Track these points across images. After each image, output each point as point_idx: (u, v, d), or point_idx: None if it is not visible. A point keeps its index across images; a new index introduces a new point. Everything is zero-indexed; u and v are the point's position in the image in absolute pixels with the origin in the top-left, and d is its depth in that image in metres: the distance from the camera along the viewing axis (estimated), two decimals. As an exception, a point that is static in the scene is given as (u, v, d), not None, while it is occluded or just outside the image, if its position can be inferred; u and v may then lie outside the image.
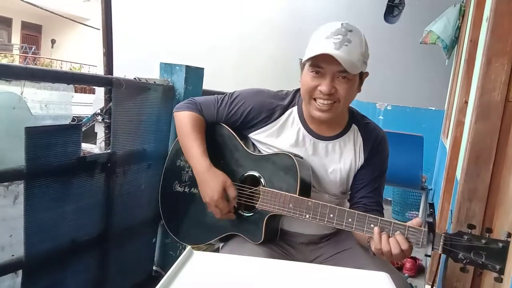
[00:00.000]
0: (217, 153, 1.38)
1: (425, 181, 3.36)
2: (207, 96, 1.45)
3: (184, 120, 1.37)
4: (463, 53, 2.73)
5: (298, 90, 1.32)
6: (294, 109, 1.33)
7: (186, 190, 1.44)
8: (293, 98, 1.34)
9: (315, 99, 1.20)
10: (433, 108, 4.80)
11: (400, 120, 4.76)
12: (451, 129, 2.71)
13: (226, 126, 1.39)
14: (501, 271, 0.94)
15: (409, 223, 1.07)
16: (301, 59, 1.21)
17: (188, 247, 0.96)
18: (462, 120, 2.20)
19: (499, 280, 0.95)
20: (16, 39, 18.18)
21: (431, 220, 1.01)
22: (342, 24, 1.15)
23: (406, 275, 2.71)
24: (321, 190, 1.32)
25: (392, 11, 4.63)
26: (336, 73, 1.15)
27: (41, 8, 14.65)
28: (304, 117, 1.31)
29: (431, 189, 3.57)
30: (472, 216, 1.36)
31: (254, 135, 1.35)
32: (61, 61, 16.88)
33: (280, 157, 1.27)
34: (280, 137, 1.32)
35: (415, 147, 3.30)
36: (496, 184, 1.34)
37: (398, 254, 1.04)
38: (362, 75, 1.23)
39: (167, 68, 1.88)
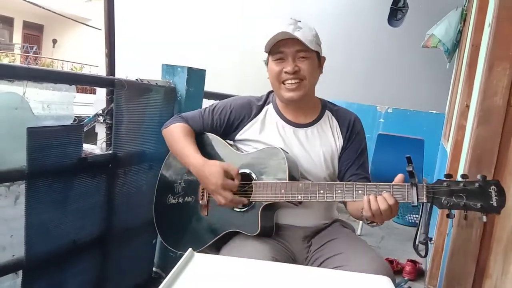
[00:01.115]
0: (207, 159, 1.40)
1: (426, 184, 3.35)
2: (192, 111, 1.55)
3: (174, 131, 1.45)
4: (465, 57, 2.72)
5: (271, 91, 1.46)
6: (269, 106, 1.46)
7: (180, 200, 1.47)
8: (267, 97, 1.48)
9: (283, 82, 1.34)
10: (434, 112, 4.80)
11: (401, 123, 4.76)
12: (452, 132, 2.71)
13: (212, 134, 1.47)
14: (483, 209, 1.02)
15: (393, 182, 1.14)
16: (265, 61, 1.38)
17: (189, 249, 0.97)
18: (464, 124, 2.20)
19: (481, 219, 1.03)
20: (17, 38, 18.18)
21: (410, 169, 1.08)
22: (290, 18, 1.32)
23: (406, 278, 2.70)
24: (309, 177, 1.38)
25: (396, 14, 4.61)
26: (295, 53, 1.31)
27: (43, 8, 14.67)
28: (280, 111, 1.44)
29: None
30: (474, 219, 1.36)
31: (239, 136, 1.44)
32: (62, 61, 16.85)
33: (266, 151, 1.35)
34: (263, 131, 1.42)
35: (416, 150, 3.32)
36: (497, 189, 1.34)
37: (386, 210, 1.11)
38: (320, 58, 1.38)
39: (169, 69, 1.88)
